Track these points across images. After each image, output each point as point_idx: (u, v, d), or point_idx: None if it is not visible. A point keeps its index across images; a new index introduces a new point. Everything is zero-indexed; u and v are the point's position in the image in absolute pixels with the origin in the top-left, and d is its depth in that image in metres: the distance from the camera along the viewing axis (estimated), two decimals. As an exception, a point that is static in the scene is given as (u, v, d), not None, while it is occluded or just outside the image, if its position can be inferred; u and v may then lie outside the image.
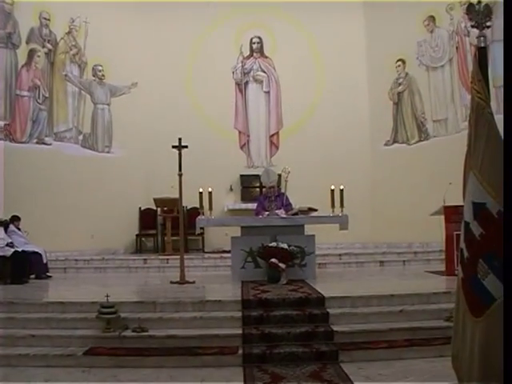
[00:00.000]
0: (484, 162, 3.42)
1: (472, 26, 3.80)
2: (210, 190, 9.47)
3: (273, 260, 8.63)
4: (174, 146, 9.30)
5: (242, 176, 14.55)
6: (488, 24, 3.70)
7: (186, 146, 9.30)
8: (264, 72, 15.01)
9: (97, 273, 11.44)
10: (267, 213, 9.87)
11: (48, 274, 10.45)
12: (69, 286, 9.57)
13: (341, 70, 14.43)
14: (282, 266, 8.61)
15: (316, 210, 9.77)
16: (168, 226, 12.84)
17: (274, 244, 8.88)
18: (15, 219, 10.50)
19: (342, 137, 14.32)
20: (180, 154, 9.27)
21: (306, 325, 6.46)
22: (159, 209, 13.41)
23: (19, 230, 10.53)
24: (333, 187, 9.47)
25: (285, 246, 8.83)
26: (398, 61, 13.92)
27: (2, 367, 5.87)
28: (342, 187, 9.39)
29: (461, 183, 3.63)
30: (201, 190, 9.47)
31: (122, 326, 6.46)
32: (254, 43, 14.98)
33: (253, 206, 11.32)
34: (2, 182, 11.09)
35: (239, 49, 14.87)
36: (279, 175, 11.20)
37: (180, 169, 9.22)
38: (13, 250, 9.82)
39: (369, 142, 14.45)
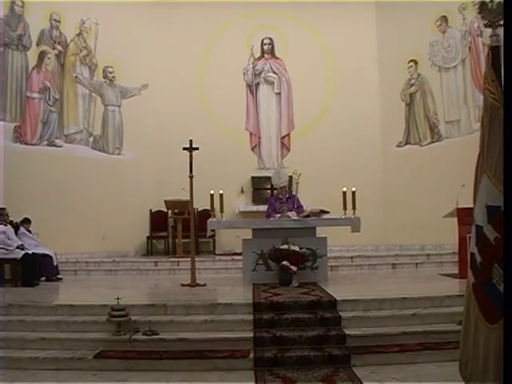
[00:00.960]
0: (499, 164, 3.34)
1: (485, 25, 3.75)
2: (221, 191, 9.47)
3: (284, 262, 8.60)
4: (184, 148, 9.31)
5: (253, 178, 14.53)
6: (501, 22, 3.64)
7: (197, 148, 9.29)
8: (275, 73, 14.98)
9: (107, 275, 11.46)
10: (279, 215, 9.86)
11: (58, 276, 10.49)
12: (79, 288, 9.62)
13: (352, 70, 14.37)
14: (294, 268, 8.58)
15: (328, 212, 9.72)
16: (179, 228, 12.84)
17: (285, 246, 8.85)
18: (25, 221, 10.55)
19: (354, 138, 14.29)
20: (191, 156, 9.26)
21: (317, 328, 6.44)
22: (170, 211, 13.42)
23: (30, 232, 10.58)
24: (345, 189, 9.45)
25: (296, 248, 8.80)
26: (410, 61, 13.86)
27: (12, 370, 5.88)
28: (353, 189, 9.38)
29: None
30: (212, 191, 9.47)
31: (133, 329, 6.47)
32: (265, 44, 14.95)
33: (264, 208, 11.28)
34: (13, 183, 11.15)
35: (250, 50, 14.85)
36: (290, 177, 11.17)
37: (191, 171, 9.21)
38: (23, 252, 9.87)
39: (380, 143, 14.40)
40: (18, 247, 9.90)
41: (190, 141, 9.29)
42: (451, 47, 13.06)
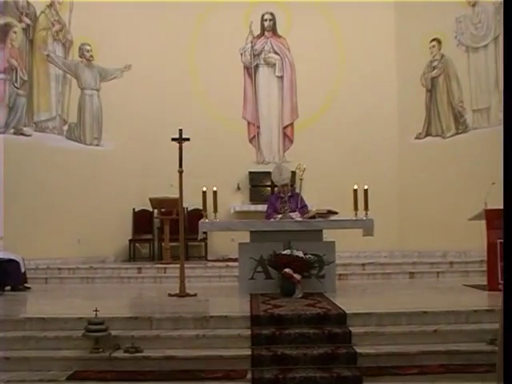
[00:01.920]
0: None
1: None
2: (214, 188, 9.46)
3: (286, 270, 8.58)
4: (173, 139, 9.29)
5: (250, 173, 14.55)
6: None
7: (188, 139, 9.29)
8: (277, 54, 14.98)
9: (83, 284, 11.44)
10: (280, 216, 9.87)
11: (26, 285, 10.42)
12: (51, 299, 9.58)
13: (366, 51, 14.37)
14: (297, 277, 8.56)
15: (336, 213, 9.70)
16: (166, 231, 12.82)
17: (287, 252, 8.83)
18: (-12, 222, 10.52)
19: (367, 129, 14.28)
20: (180, 148, 9.25)
21: (324, 345, 6.42)
22: (156, 210, 13.44)
23: (-8, 234, 10.55)
24: (356, 187, 9.43)
25: (300, 254, 8.78)
26: (432, 40, 13.80)
27: (-29, 394, 5.87)
28: (366, 187, 9.37)
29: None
30: (204, 188, 9.46)
31: (113, 346, 6.44)
32: (266, 20, 14.94)
33: (263, 207, 11.30)
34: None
35: (248, 27, 14.85)
36: (293, 173, 11.16)
37: (180, 165, 9.20)
38: (-16, 257, 9.84)
39: (397, 134, 14.39)
40: (-22, 252, 9.88)
41: (180, 130, 9.27)
42: (482, 23, 12.97)
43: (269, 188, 14.18)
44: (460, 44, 13.39)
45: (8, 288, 10.09)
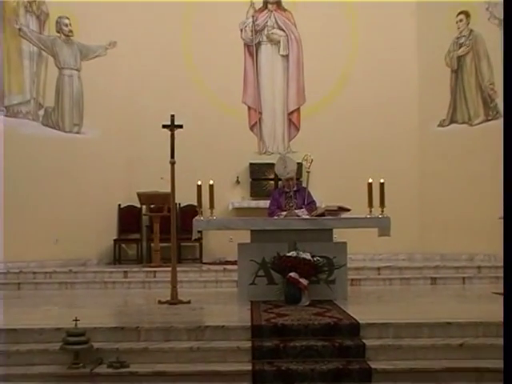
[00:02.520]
0: None
1: None
2: (210, 182, 9.44)
3: (292, 274, 8.60)
4: (164, 126, 9.30)
5: (251, 165, 14.56)
6: None
7: (181, 126, 9.29)
8: (282, 29, 14.96)
9: (62, 290, 11.44)
10: (284, 213, 9.90)
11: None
12: (24, 307, 9.55)
13: (382, 27, 14.30)
14: (304, 282, 8.58)
15: (348, 210, 9.72)
16: (156, 229, 12.83)
17: (293, 253, 8.84)
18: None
19: (383, 115, 14.27)
20: (172, 136, 9.26)
21: (334, 360, 6.43)
22: (145, 207, 13.41)
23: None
24: (370, 180, 9.43)
25: (307, 256, 8.79)
26: (459, 14, 13.74)
27: None
28: (382, 180, 9.37)
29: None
30: (199, 182, 9.46)
31: (95, 361, 6.43)
32: (269, -9, 14.96)
33: (265, 204, 11.31)
34: None
35: (250, -1, 14.86)
36: (299, 164, 11.15)
37: (172, 155, 9.22)
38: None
39: (418, 122, 14.36)
40: None
41: (172, 116, 9.27)
42: (519, -9, 12.95)
43: (272, 182, 14.20)
44: (492, 17, 13.25)
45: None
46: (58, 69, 13.73)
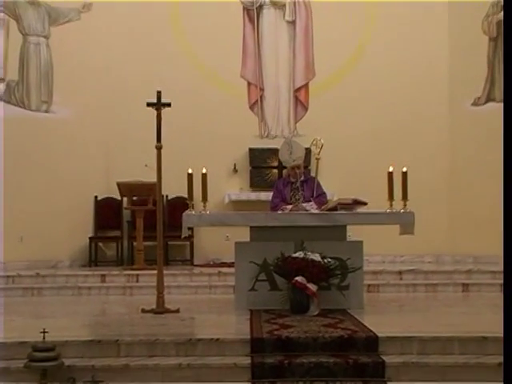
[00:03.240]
0: None
1: None
2: (203, 170, 9.43)
3: (298, 279, 8.60)
4: (149, 104, 9.29)
5: (251, 150, 14.59)
6: None
7: (169, 104, 9.29)
8: (287, -10, 14.97)
9: (27, 296, 11.44)
10: (290, 207, 9.92)
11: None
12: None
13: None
14: (313, 287, 8.58)
15: (365, 204, 9.70)
16: (139, 226, 12.84)
17: (300, 254, 8.84)
18: None
19: (406, 92, 14.28)
20: (159, 116, 9.25)
21: (349, 380, 6.43)
22: (126, 199, 13.38)
23: None
24: (391, 169, 9.41)
25: (317, 257, 8.79)
26: (500, -32, 13.75)
27: None
28: (404, 169, 9.35)
29: None
30: (190, 170, 9.44)
31: (67, 380, 6.43)
32: None
33: (267, 196, 11.36)
34: None
35: (250, -48, 14.86)
36: (307, 150, 11.15)
37: (159, 139, 9.20)
38: None
39: (448, 100, 14.39)
40: None
41: (158, 93, 9.26)
42: None
43: (275, 170, 14.26)
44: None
45: None
46: (22, 35, 13.67)
